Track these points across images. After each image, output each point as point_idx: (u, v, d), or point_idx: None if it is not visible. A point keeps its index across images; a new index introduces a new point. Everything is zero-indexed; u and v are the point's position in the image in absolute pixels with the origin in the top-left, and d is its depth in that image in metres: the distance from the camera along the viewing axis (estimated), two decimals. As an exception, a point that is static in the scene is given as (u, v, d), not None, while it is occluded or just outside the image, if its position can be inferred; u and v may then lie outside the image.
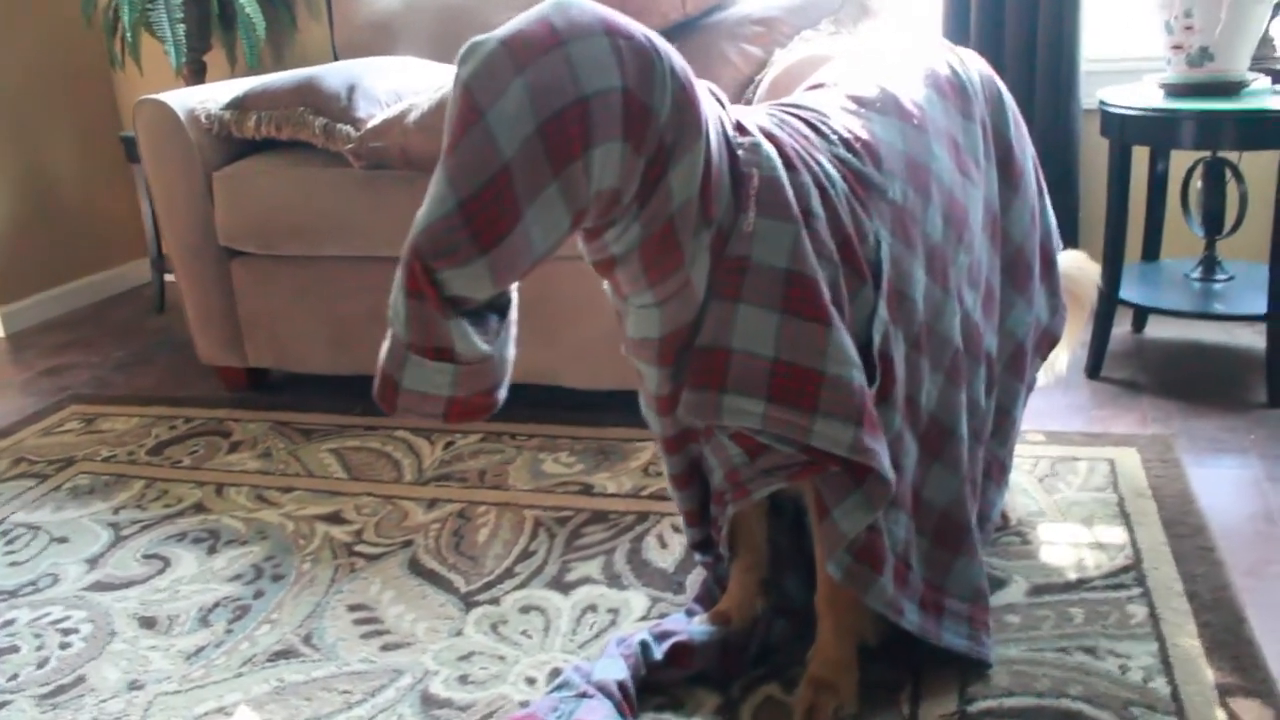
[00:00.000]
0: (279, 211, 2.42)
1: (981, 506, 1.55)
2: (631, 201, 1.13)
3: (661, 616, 1.57)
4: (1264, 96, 2.16)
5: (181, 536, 1.96)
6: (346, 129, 2.31)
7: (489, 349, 1.09)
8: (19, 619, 1.73)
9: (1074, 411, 2.21)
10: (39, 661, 1.61)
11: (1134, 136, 2.26)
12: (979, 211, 1.46)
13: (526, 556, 1.79)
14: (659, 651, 1.41)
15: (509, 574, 1.74)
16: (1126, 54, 2.82)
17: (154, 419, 2.54)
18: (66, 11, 3.56)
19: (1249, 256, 2.64)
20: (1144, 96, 2.26)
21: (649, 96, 1.09)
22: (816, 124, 1.31)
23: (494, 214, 1.03)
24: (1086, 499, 1.82)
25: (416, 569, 1.78)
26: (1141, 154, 2.51)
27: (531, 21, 1.06)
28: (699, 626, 1.45)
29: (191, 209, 2.52)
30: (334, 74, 2.42)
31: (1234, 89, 2.20)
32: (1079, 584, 1.58)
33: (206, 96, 2.53)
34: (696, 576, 1.66)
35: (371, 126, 2.27)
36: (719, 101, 1.22)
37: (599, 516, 1.90)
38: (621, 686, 1.35)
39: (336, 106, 2.34)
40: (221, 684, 1.52)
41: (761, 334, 1.17)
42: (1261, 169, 2.59)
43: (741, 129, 1.21)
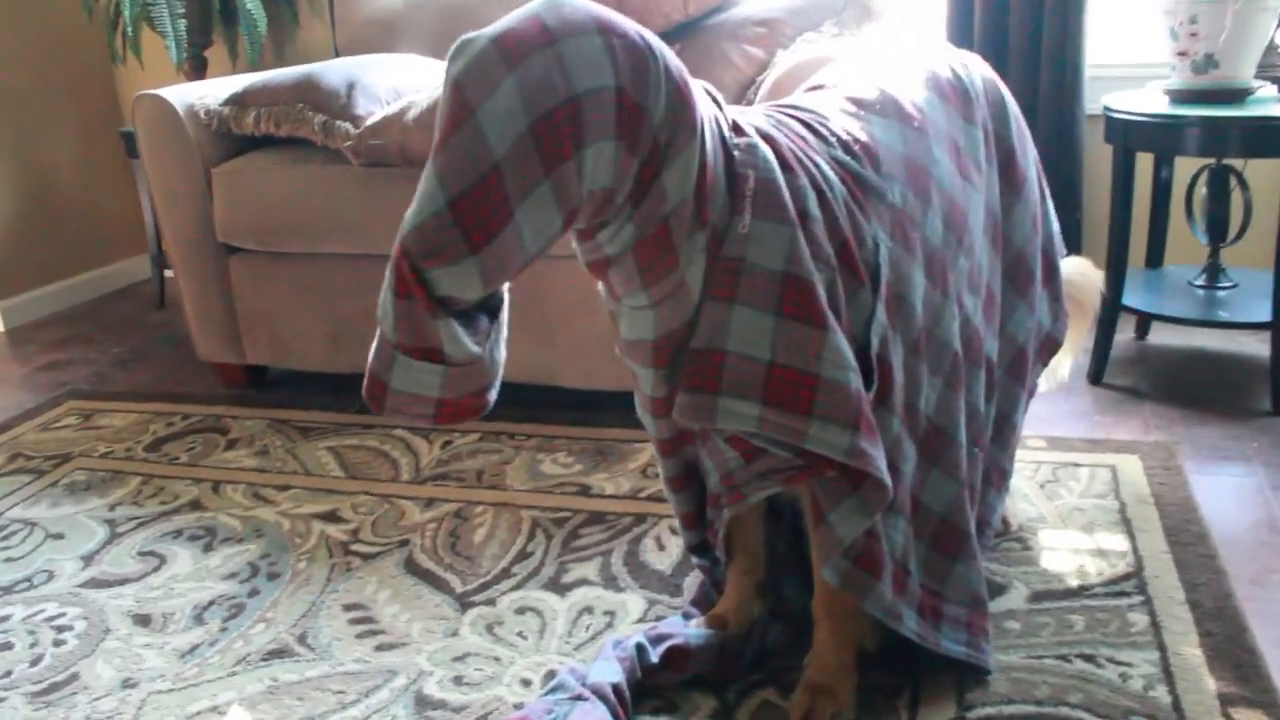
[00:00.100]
0: (278, 208, 2.41)
1: (981, 512, 1.54)
2: (625, 202, 1.11)
3: (658, 619, 1.56)
4: (1269, 104, 2.15)
5: (177, 534, 1.95)
6: (346, 126, 2.31)
7: (479, 350, 1.08)
8: (13, 615, 1.72)
9: (1076, 417, 2.19)
10: (33, 659, 1.60)
11: (1138, 143, 2.25)
12: (980, 215, 1.45)
13: (523, 557, 1.78)
14: (655, 655, 1.40)
15: (505, 574, 1.73)
16: (1131, 60, 2.81)
17: (152, 415, 2.53)
18: (68, 6, 3.56)
19: (1253, 264, 2.63)
20: (1148, 103, 2.26)
21: (643, 96, 1.08)
22: (815, 126, 1.30)
23: (484, 213, 1.02)
24: (1088, 505, 1.81)
25: (413, 569, 1.77)
26: (1146, 160, 2.50)
27: (523, 19, 1.05)
28: (695, 630, 1.45)
29: (190, 205, 2.51)
30: (334, 71, 2.41)
31: (1239, 96, 2.19)
32: (1080, 591, 1.57)
33: (206, 92, 2.53)
34: (694, 579, 1.65)
35: (371, 124, 2.26)
36: (715, 102, 1.21)
37: (596, 518, 1.89)
38: (616, 690, 1.34)
39: (336, 104, 2.33)
40: (215, 683, 1.51)
41: (757, 337, 1.16)
42: (1266, 176, 2.58)
43: (738, 130, 1.20)
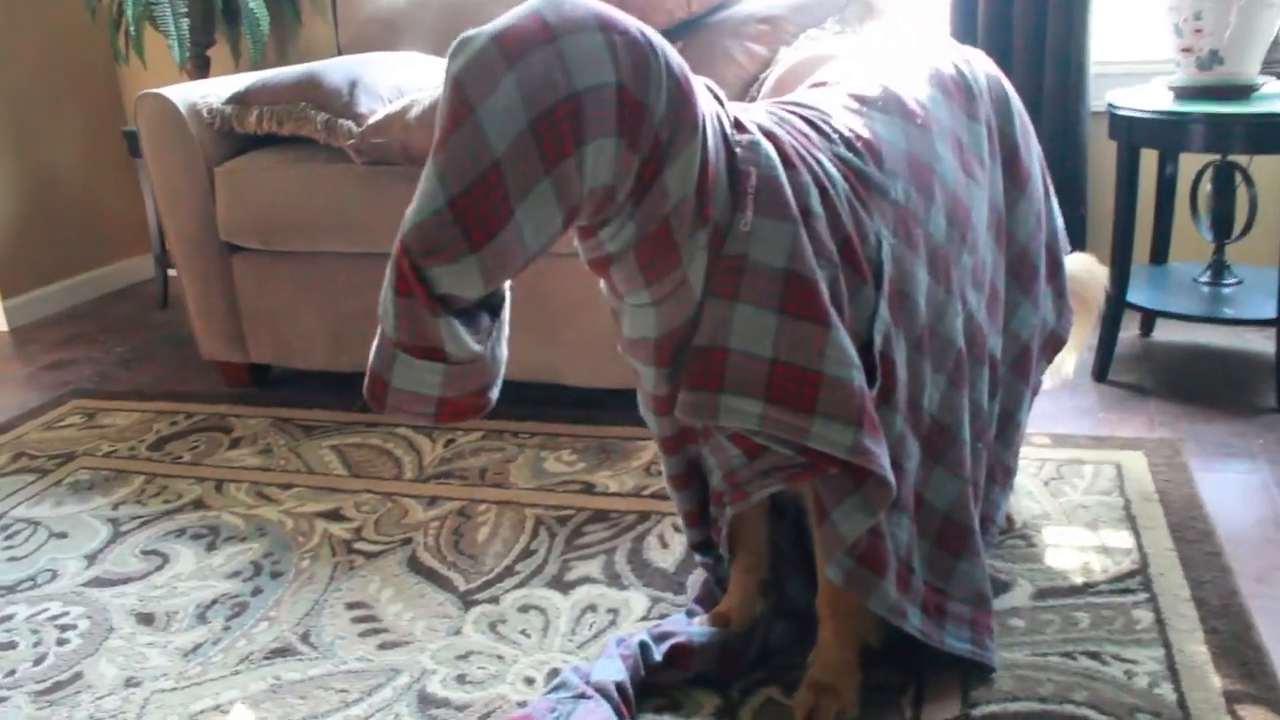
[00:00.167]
0: (280, 207, 2.41)
1: (985, 509, 1.54)
2: (626, 199, 1.11)
3: (661, 617, 1.56)
4: (1274, 100, 2.15)
5: (181, 533, 1.95)
6: (348, 125, 2.30)
7: (480, 348, 1.07)
8: (17, 615, 1.72)
9: (1081, 415, 2.19)
10: (36, 658, 1.60)
11: (1142, 139, 2.24)
12: (983, 212, 1.44)
13: (526, 555, 1.78)
14: (658, 653, 1.40)
15: (509, 573, 1.73)
16: (1135, 56, 2.81)
17: (155, 414, 2.53)
18: (70, 5, 3.56)
19: (1258, 260, 2.62)
20: (1153, 99, 2.25)
21: (644, 93, 1.07)
22: (817, 122, 1.30)
23: (484, 211, 1.01)
24: (1092, 503, 1.80)
25: (416, 567, 1.77)
26: (1150, 157, 2.49)
27: (524, 16, 1.04)
28: (699, 628, 1.44)
29: (193, 204, 2.51)
30: (336, 69, 2.41)
31: (1244, 92, 2.18)
32: (1084, 588, 1.57)
33: (208, 91, 2.52)
34: (697, 577, 1.65)
35: (373, 122, 2.26)
36: (717, 99, 1.20)
37: (600, 515, 1.89)
38: (620, 688, 1.34)
39: (338, 102, 2.33)
40: (218, 681, 1.51)
41: (759, 334, 1.15)
42: (1271, 173, 2.58)
43: (740, 127, 1.20)
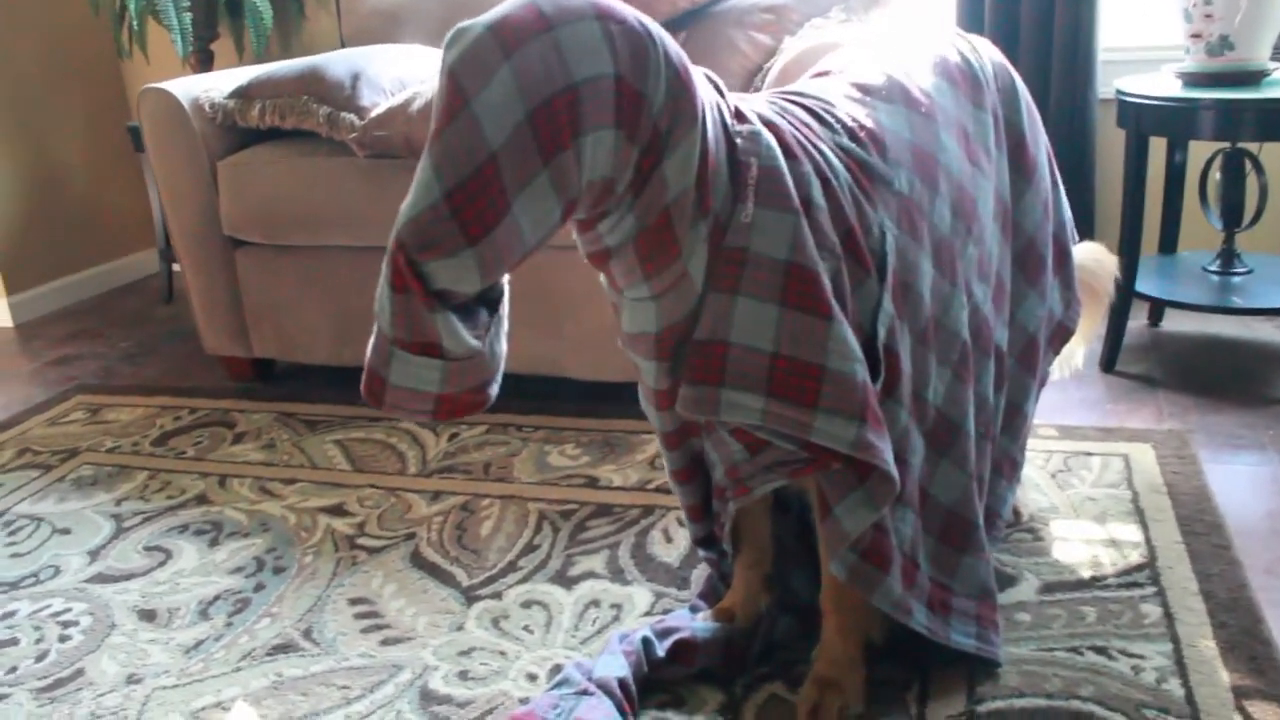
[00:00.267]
0: (283, 201, 2.40)
1: (991, 503, 1.52)
2: (625, 191, 1.10)
3: (665, 612, 1.55)
4: (1285, 86, 2.12)
5: (183, 528, 1.95)
6: (350, 118, 2.29)
7: (478, 344, 1.06)
8: (19, 611, 1.72)
9: (1088, 406, 2.17)
10: (38, 654, 1.60)
11: (1151, 127, 2.22)
12: (989, 202, 1.42)
13: (530, 550, 1.77)
14: (661, 648, 1.39)
15: (512, 568, 1.72)
16: (1144, 43, 2.78)
17: (159, 409, 2.53)
18: (74, 1, 3.55)
19: (1269, 249, 2.59)
20: (1162, 86, 2.23)
21: (642, 83, 1.06)
22: (820, 112, 1.28)
23: (481, 205, 1.00)
24: (1100, 495, 1.79)
25: (419, 562, 1.76)
26: (1159, 144, 2.47)
27: (520, 6, 1.03)
28: (702, 623, 1.43)
29: (196, 198, 2.51)
30: (338, 62, 2.40)
31: (1254, 78, 2.16)
32: (1092, 582, 1.55)
33: (211, 85, 2.51)
34: (701, 572, 1.64)
35: (375, 115, 2.25)
36: (717, 89, 1.19)
37: (604, 510, 1.88)
38: (623, 684, 1.33)
39: (340, 95, 2.32)
40: (220, 678, 1.51)
41: (761, 327, 1.14)
42: (1282, 160, 2.55)
43: (740, 117, 1.18)
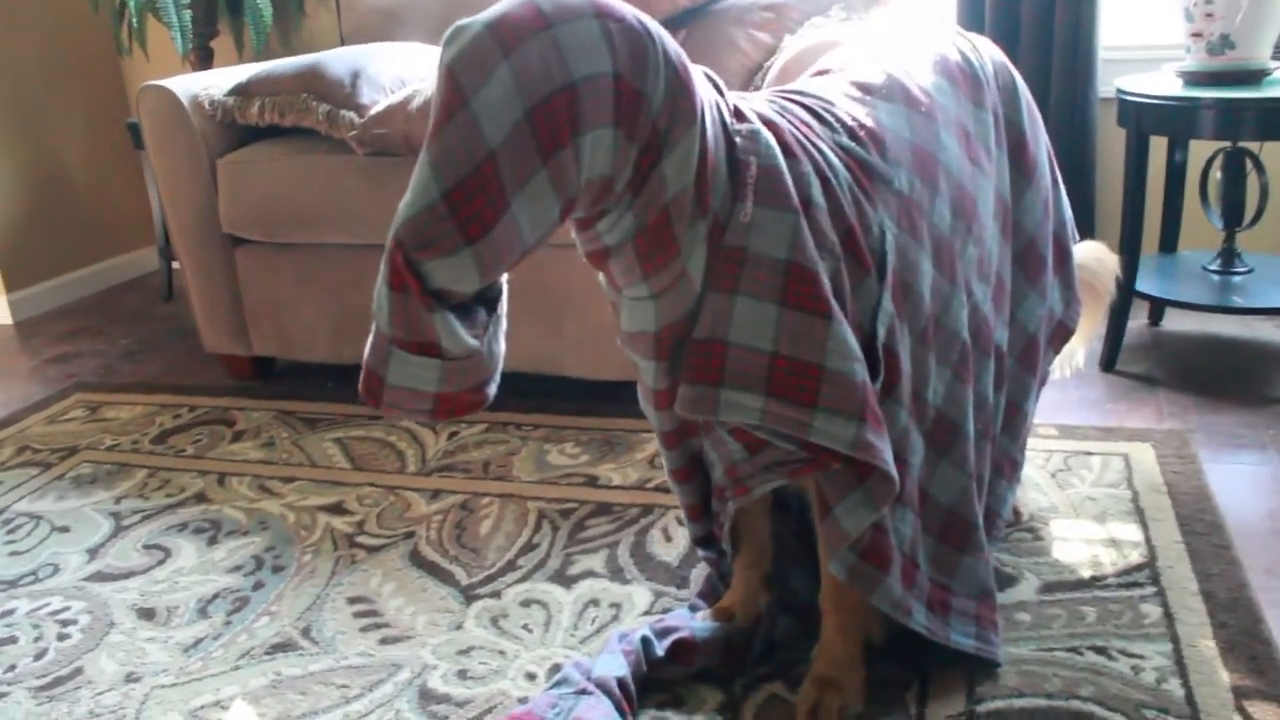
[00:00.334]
0: (282, 199, 2.40)
1: (991, 503, 1.52)
2: (624, 190, 1.09)
3: (664, 612, 1.55)
4: (1286, 85, 2.12)
5: (183, 527, 1.94)
6: (350, 115, 2.29)
7: (476, 344, 1.06)
8: (18, 609, 1.72)
9: (1088, 405, 2.17)
10: (37, 653, 1.60)
11: (1152, 126, 2.21)
12: (989, 202, 1.42)
13: (529, 549, 1.76)
14: (661, 648, 1.39)
15: (511, 567, 1.72)
16: (1145, 42, 2.78)
17: (158, 407, 2.52)
18: (75, -3, 3.55)
19: (1269, 249, 2.59)
20: (1162, 85, 2.22)
21: (641, 81, 1.05)
22: (819, 111, 1.28)
23: (480, 204, 1.00)
24: (1100, 495, 1.78)
25: (418, 561, 1.76)
26: (1159, 144, 2.46)
27: (519, 4, 1.02)
28: (702, 623, 1.43)
29: (195, 196, 2.50)
30: (338, 60, 2.40)
31: (1255, 78, 2.16)
32: (1092, 582, 1.55)
33: (210, 82, 2.51)
34: (700, 571, 1.64)
35: (375, 113, 2.24)
36: (716, 87, 1.18)
37: (603, 509, 1.87)
38: (621, 684, 1.33)
39: (340, 93, 2.32)
40: (218, 677, 1.51)
41: (760, 327, 1.14)
42: (1283, 159, 2.55)
43: (740, 116, 1.18)
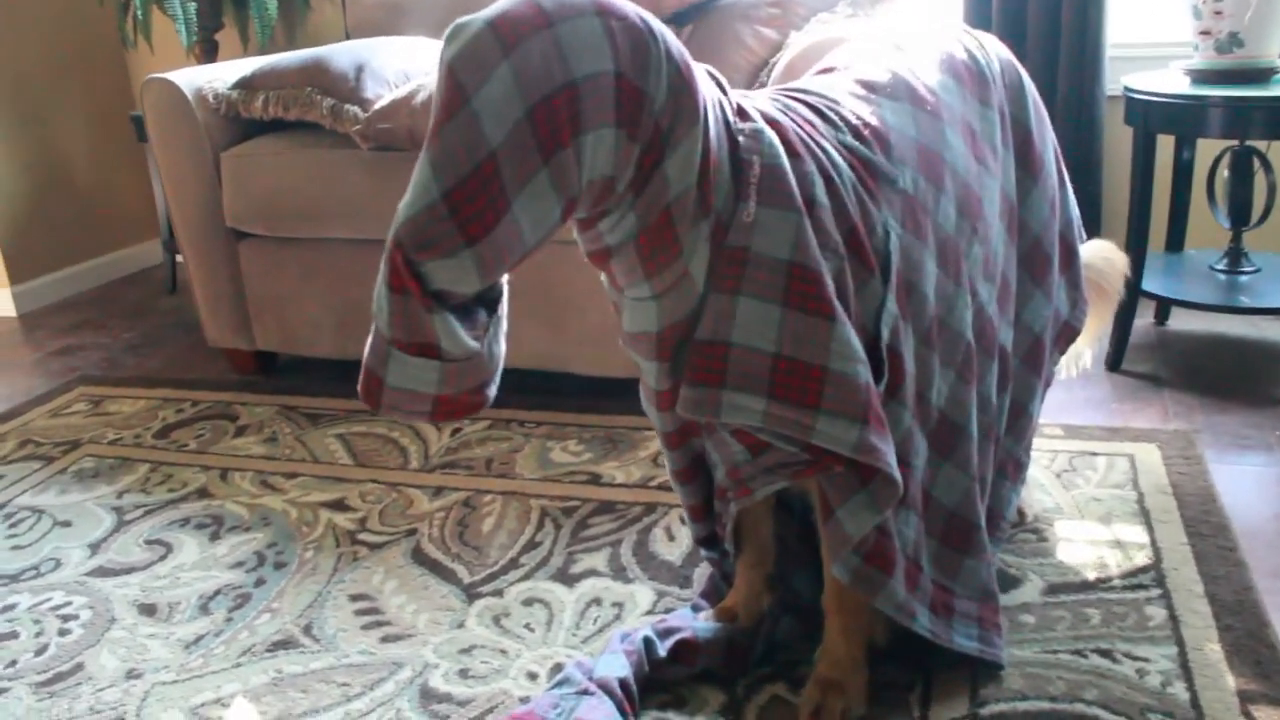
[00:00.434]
0: (286, 193, 2.39)
1: (994, 505, 1.51)
2: (626, 190, 1.08)
3: (667, 611, 1.54)
4: (1295, 84, 2.11)
5: (185, 522, 1.94)
6: (354, 110, 2.28)
7: (476, 345, 1.05)
8: (19, 604, 1.72)
9: (1093, 405, 2.16)
10: (38, 648, 1.60)
11: (1159, 124, 2.20)
12: (995, 201, 1.41)
13: (531, 547, 1.76)
14: (663, 648, 1.38)
15: (513, 565, 1.71)
16: (1152, 39, 2.76)
17: (161, 401, 2.52)
18: (79, -10, 3.55)
19: (1277, 248, 2.58)
20: (1170, 83, 2.21)
21: (643, 80, 1.04)
22: (824, 110, 1.27)
23: (480, 205, 0.99)
24: (1105, 496, 1.78)
25: (420, 559, 1.75)
26: (1166, 142, 2.45)
27: (520, 1, 1.01)
28: (704, 623, 1.43)
29: (199, 190, 2.50)
30: (342, 54, 2.39)
31: (1264, 76, 2.14)
32: (1096, 584, 1.54)
33: (214, 76, 2.51)
34: (703, 571, 1.63)
35: (379, 108, 2.24)
36: (719, 86, 1.18)
37: (606, 507, 1.87)
38: (623, 684, 1.32)
39: (344, 87, 2.31)
40: (219, 674, 1.50)
41: (762, 328, 1.13)
42: (1290, 158, 2.53)
43: (743, 114, 1.17)
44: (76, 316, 3.32)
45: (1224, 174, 2.36)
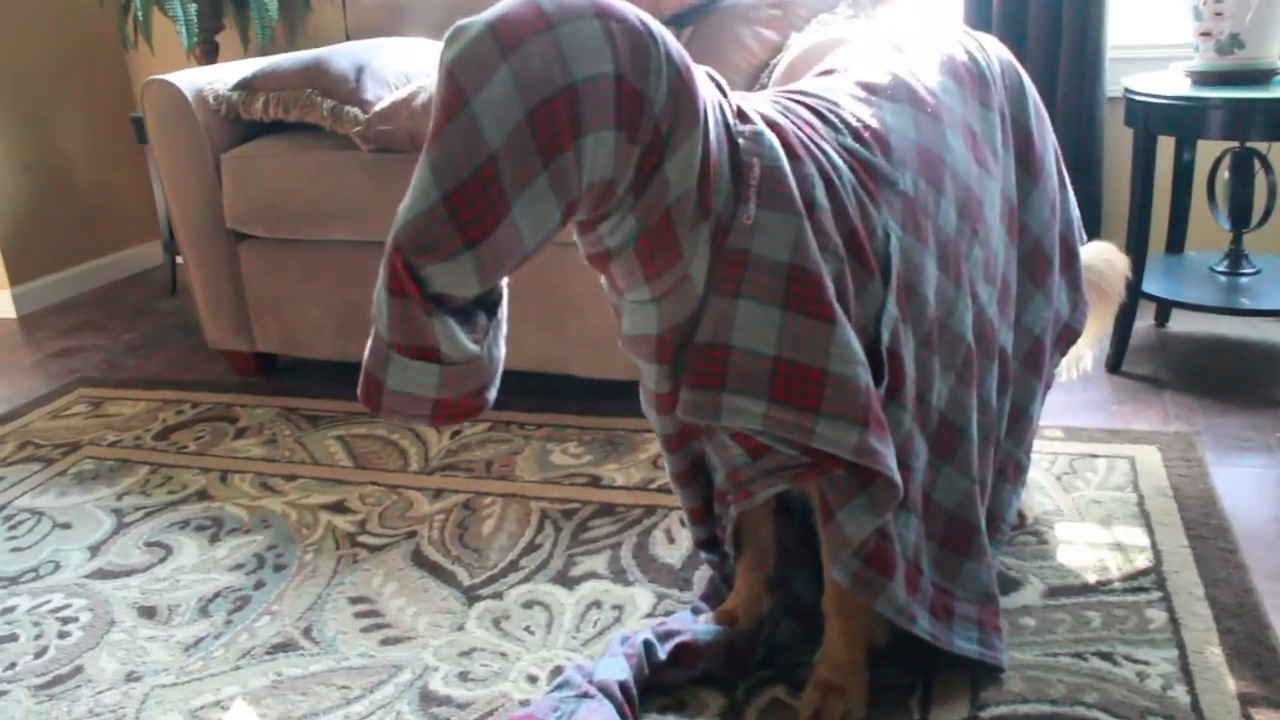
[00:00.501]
0: (286, 195, 2.39)
1: (994, 507, 1.51)
2: (626, 193, 1.08)
3: (667, 614, 1.54)
4: (1295, 85, 2.11)
5: (184, 524, 1.94)
6: (354, 111, 2.28)
7: (476, 349, 1.05)
8: (19, 606, 1.71)
9: (1094, 407, 2.16)
10: (37, 651, 1.59)
11: (1159, 126, 2.20)
12: (996, 203, 1.41)
13: (531, 550, 1.76)
14: (663, 651, 1.38)
15: (513, 567, 1.71)
16: (1153, 41, 2.76)
17: (161, 403, 2.52)
18: (80, -9, 3.54)
19: (1277, 249, 2.58)
20: (1171, 84, 2.21)
21: (643, 82, 1.04)
22: (824, 112, 1.27)
23: (480, 208, 0.99)
24: (1106, 498, 1.77)
25: (420, 561, 1.75)
26: (1167, 143, 2.45)
27: (519, 3, 1.01)
28: (704, 626, 1.42)
29: (199, 191, 2.50)
30: (342, 55, 2.39)
31: (1264, 77, 2.14)
32: (1097, 586, 1.54)
33: (215, 77, 2.51)
34: (703, 574, 1.63)
35: (379, 109, 2.24)
36: (719, 88, 1.17)
37: (606, 509, 1.87)
38: (623, 687, 1.32)
39: (345, 89, 2.31)
40: (219, 677, 1.50)
41: (762, 331, 1.13)
42: (1291, 160, 2.53)
43: (743, 116, 1.17)
44: (76, 318, 3.32)
45: (1224, 175, 2.36)
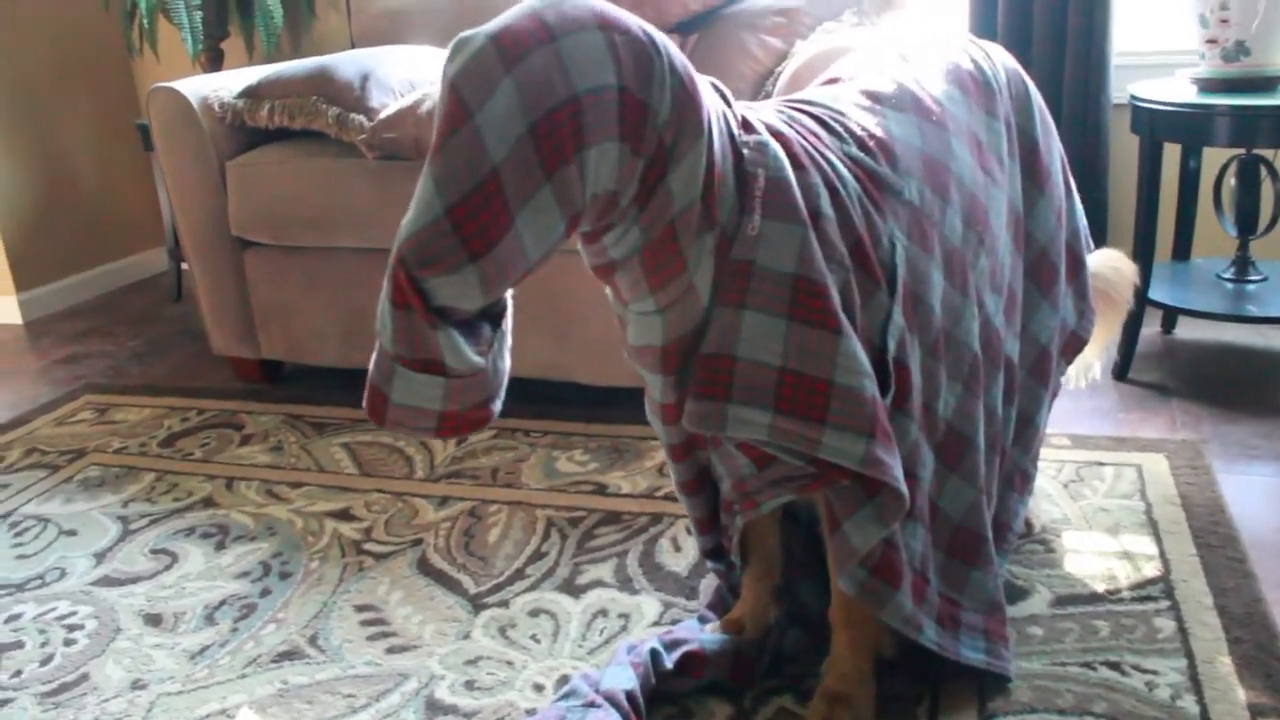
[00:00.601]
0: (291, 202, 2.39)
1: (1002, 516, 1.50)
2: (630, 204, 1.08)
3: (673, 623, 1.54)
4: (1302, 92, 2.10)
5: (190, 531, 1.94)
6: (359, 119, 2.28)
7: (481, 361, 1.04)
8: (25, 613, 1.71)
9: (1101, 415, 2.15)
10: (43, 658, 1.59)
11: (1165, 133, 2.20)
12: (1002, 212, 1.41)
13: (538, 558, 1.76)
14: (670, 660, 1.37)
15: (519, 575, 1.71)
16: (1159, 48, 2.76)
17: (167, 410, 2.52)
18: (86, -2, 3.55)
19: (1284, 256, 2.57)
20: (1177, 91, 2.21)
21: (647, 94, 1.04)
22: (828, 121, 1.26)
23: (483, 220, 0.98)
24: (1113, 506, 1.77)
25: (425, 569, 1.75)
26: (1173, 151, 2.45)
27: (522, 15, 1.01)
28: (711, 635, 1.42)
29: (204, 198, 2.50)
30: (348, 63, 2.39)
31: (1271, 84, 2.14)
32: (1105, 596, 1.53)
33: (220, 85, 2.51)
34: (709, 582, 1.63)
35: (384, 117, 2.24)
36: (723, 98, 1.17)
37: (612, 517, 1.86)
38: (630, 696, 1.32)
39: (350, 96, 2.31)
40: (225, 685, 1.50)
41: (768, 342, 1.12)
42: (1297, 166, 2.52)
43: (747, 127, 1.17)
44: (82, 324, 3.32)
45: (1231, 182, 2.35)
